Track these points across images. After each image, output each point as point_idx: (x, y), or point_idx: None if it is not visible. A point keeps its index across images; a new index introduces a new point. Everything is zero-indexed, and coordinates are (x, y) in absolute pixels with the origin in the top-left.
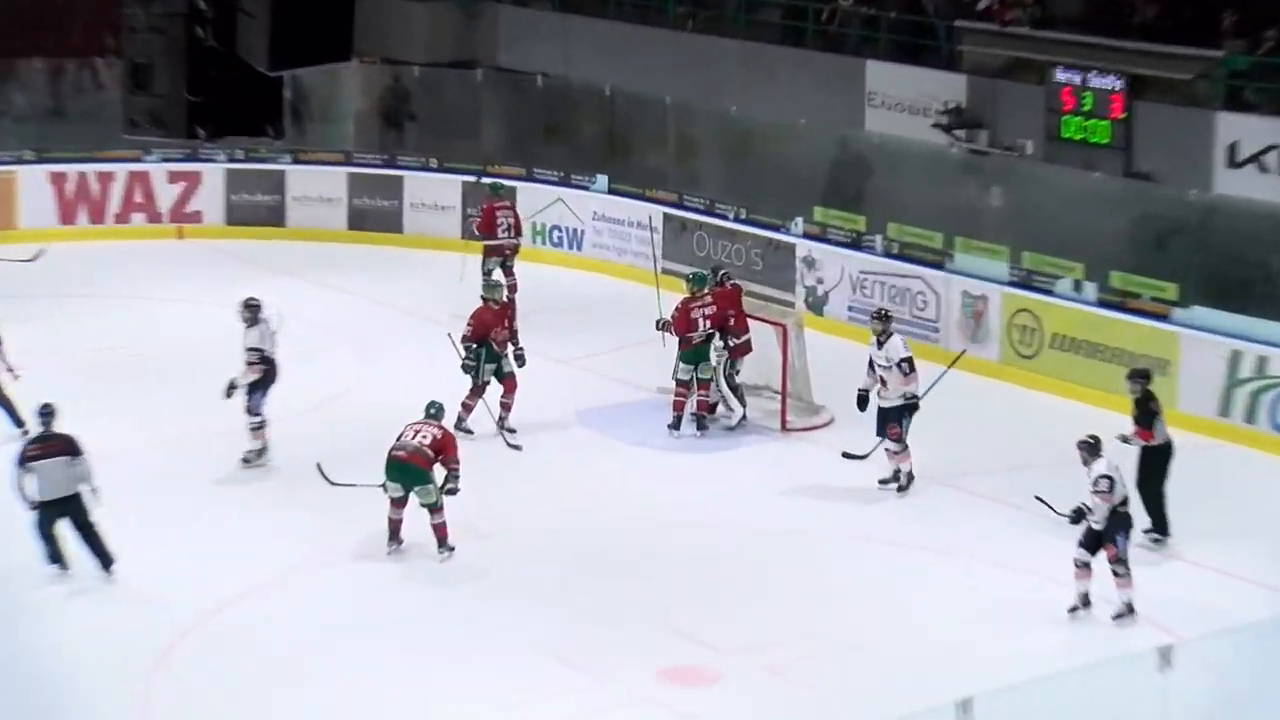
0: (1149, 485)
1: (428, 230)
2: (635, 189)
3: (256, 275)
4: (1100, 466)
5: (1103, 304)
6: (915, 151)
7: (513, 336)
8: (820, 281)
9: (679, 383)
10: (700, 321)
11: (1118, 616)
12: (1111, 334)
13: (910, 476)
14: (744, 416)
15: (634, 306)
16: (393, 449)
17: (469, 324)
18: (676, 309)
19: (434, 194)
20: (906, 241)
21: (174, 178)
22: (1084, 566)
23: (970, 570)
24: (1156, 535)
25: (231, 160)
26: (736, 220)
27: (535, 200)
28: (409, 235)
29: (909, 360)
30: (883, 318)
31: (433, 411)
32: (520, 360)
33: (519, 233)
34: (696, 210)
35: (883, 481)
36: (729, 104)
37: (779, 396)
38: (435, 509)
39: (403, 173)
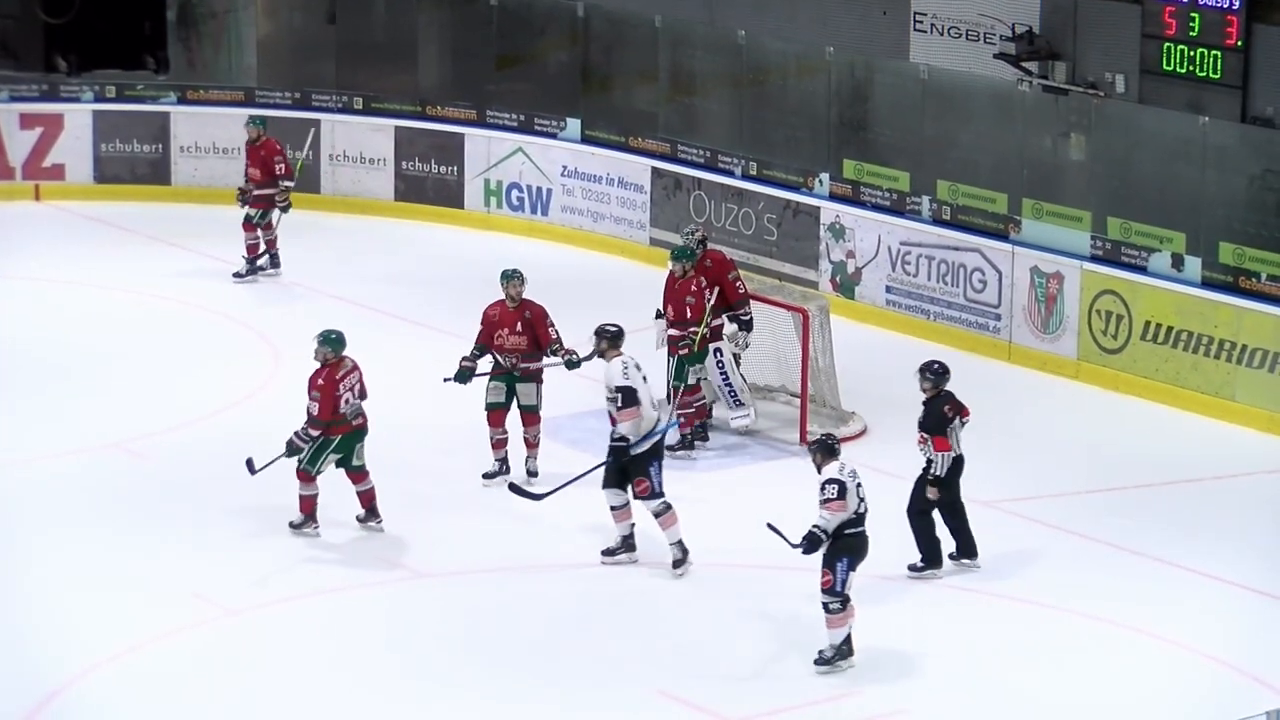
0: (944, 510)
1: (351, 189)
2: (616, 136)
3: (133, 247)
4: (831, 469)
5: (1209, 284)
6: (973, 89)
7: (554, 342)
8: (851, 255)
9: (687, 389)
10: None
11: (821, 663)
12: (1220, 322)
13: (628, 543)
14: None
15: (615, 287)
16: (350, 417)
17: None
18: (691, 295)
19: (359, 143)
20: (961, 205)
21: (28, 122)
22: (845, 606)
23: (1028, 618)
24: (965, 560)
25: (101, 100)
26: (745, 177)
27: (488, 151)
28: (328, 196)
29: (628, 392)
30: (600, 333)
31: (337, 345)
32: (571, 364)
33: None
34: (694, 164)
35: (606, 553)
36: (735, 27)
37: (797, 401)
38: (366, 470)
39: (319, 115)
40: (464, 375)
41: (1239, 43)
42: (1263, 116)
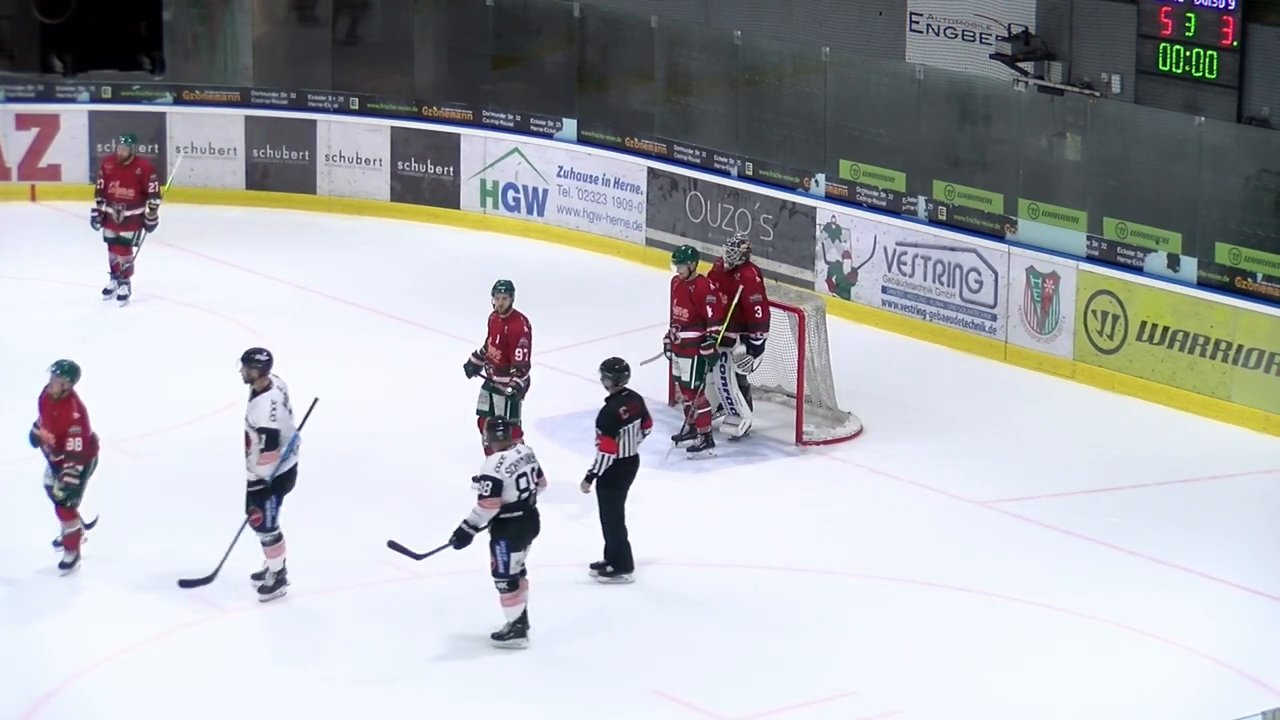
0: (610, 509)
1: (347, 190)
2: (613, 137)
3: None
4: (490, 464)
5: (1205, 284)
6: (969, 89)
7: (514, 364)
8: (847, 256)
9: (692, 390)
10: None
11: (497, 637)
12: (1216, 322)
13: (279, 579)
14: (750, 425)
15: (610, 287)
16: (97, 439)
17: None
18: (711, 294)
19: (355, 143)
20: (957, 205)
21: (24, 123)
22: (513, 586)
23: (1025, 617)
24: (611, 569)
25: (97, 100)
26: (741, 177)
27: (485, 151)
28: (323, 196)
29: (272, 435)
30: (249, 360)
31: (75, 374)
32: (508, 394)
33: None
34: (690, 165)
35: (256, 576)
36: (732, 27)
37: (794, 401)
38: None
39: (315, 116)
40: (469, 369)
41: (1235, 43)
42: (1258, 116)
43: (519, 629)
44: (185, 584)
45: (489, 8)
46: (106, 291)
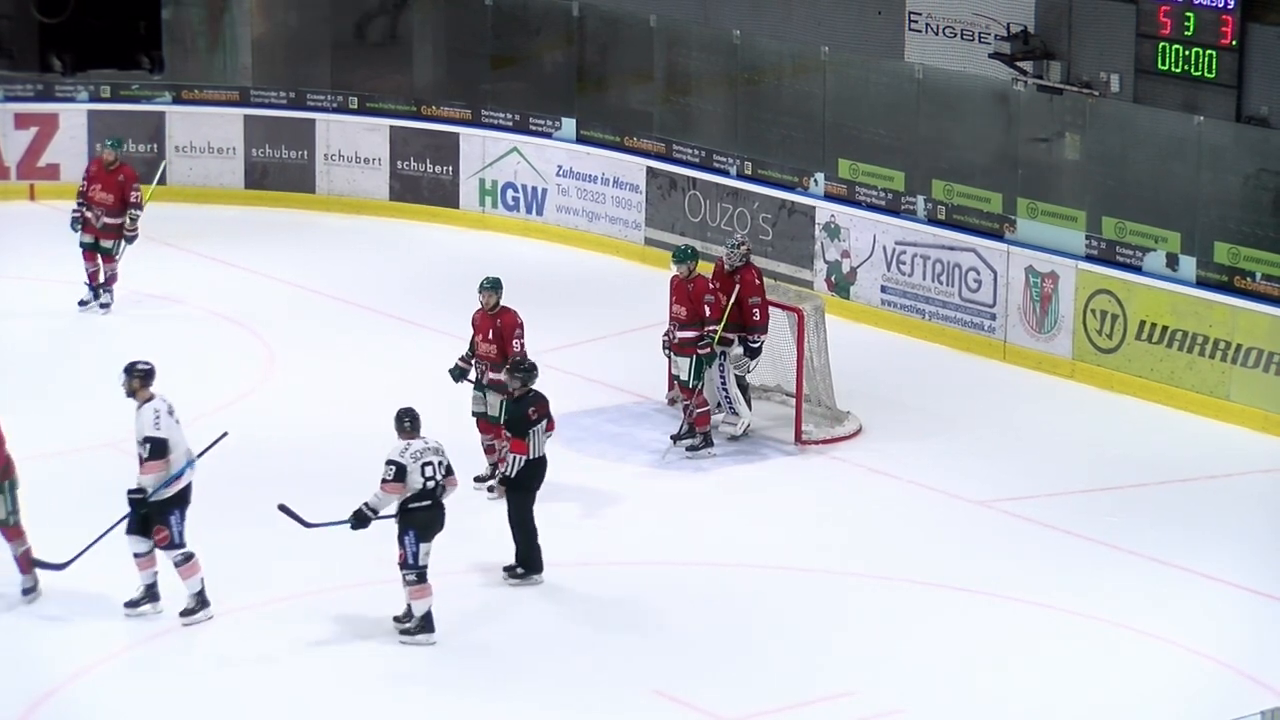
0: (519, 510)
1: (346, 190)
2: (612, 136)
3: (128, 247)
4: (395, 450)
5: (1204, 284)
6: (968, 89)
7: (514, 355)
8: (846, 255)
9: (693, 389)
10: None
11: (404, 632)
12: (1214, 322)
13: (200, 600)
14: (749, 424)
15: (609, 287)
16: (12, 459)
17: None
18: (710, 294)
19: (354, 143)
20: (957, 204)
21: (23, 122)
22: (422, 579)
23: (1024, 617)
24: (522, 570)
25: (96, 100)
26: (740, 177)
27: (484, 150)
28: (322, 195)
29: (158, 444)
30: (130, 371)
31: None
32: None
33: None
34: (689, 164)
35: (129, 604)
36: (731, 27)
37: (793, 401)
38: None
39: (314, 115)
40: (456, 374)
41: (1234, 42)
42: (1257, 116)
43: (426, 624)
44: (37, 564)
45: (488, 7)
46: (83, 303)
